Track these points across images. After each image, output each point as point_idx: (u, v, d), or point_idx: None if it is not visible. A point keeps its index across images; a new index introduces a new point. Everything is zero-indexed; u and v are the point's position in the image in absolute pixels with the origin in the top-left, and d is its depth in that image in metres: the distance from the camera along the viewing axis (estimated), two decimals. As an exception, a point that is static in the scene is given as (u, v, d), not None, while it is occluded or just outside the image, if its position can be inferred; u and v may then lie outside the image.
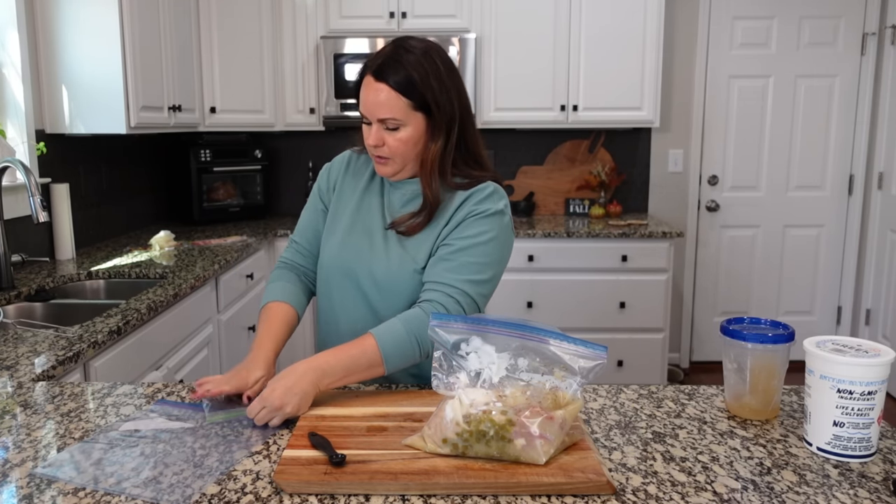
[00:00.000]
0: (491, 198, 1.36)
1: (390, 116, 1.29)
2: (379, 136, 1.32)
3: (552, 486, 0.91)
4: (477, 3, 3.55)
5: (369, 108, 1.31)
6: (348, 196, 1.47)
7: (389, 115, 1.29)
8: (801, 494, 0.91)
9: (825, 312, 4.18)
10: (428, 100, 1.30)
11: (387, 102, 1.29)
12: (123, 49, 2.65)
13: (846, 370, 0.99)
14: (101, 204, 3.11)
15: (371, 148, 1.35)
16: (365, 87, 1.32)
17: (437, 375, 1.01)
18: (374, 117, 1.31)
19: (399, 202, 1.42)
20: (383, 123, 1.31)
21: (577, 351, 1.01)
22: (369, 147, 1.35)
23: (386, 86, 1.29)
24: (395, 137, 1.32)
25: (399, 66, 1.29)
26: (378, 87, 1.29)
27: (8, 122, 2.55)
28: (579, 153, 4.04)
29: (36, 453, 1.03)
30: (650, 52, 3.58)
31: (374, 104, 1.30)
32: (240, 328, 2.91)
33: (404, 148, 1.33)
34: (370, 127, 1.33)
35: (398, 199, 1.42)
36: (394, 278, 1.36)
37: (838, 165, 4.02)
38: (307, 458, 0.98)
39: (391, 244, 1.39)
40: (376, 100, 1.30)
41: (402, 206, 1.42)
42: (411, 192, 1.42)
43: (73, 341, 1.63)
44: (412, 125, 1.31)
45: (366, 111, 1.32)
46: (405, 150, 1.33)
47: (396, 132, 1.32)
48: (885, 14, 3.81)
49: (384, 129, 1.32)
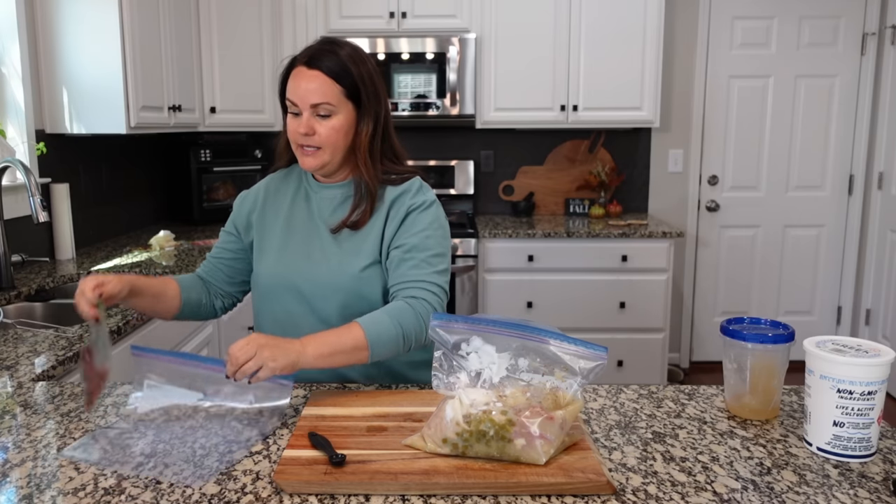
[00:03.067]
0: (422, 191, 1.41)
1: (324, 101, 1.31)
2: (310, 125, 1.33)
3: (552, 486, 0.91)
4: (477, 3, 3.55)
5: (301, 96, 1.32)
6: (272, 216, 1.47)
7: (323, 99, 1.31)
8: (801, 494, 0.91)
9: (825, 312, 4.18)
10: (359, 88, 1.34)
11: (320, 88, 1.31)
12: (123, 49, 2.65)
13: (846, 370, 0.99)
14: (101, 204, 3.11)
15: (300, 137, 1.34)
16: (295, 77, 1.33)
17: (437, 375, 1.01)
18: (307, 103, 1.32)
19: (328, 208, 1.42)
20: (315, 110, 1.32)
21: (578, 351, 1.01)
22: (298, 137, 1.35)
23: (319, 72, 1.31)
24: (327, 125, 1.33)
25: (332, 55, 1.33)
26: (311, 73, 1.32)
27: (8, 122, 2.55)
28: (579, 153, 4.04)
29: (36, 453, 1.03)
30: (650, 52, 3.57)
31: (307, 91, 1.31)
32: (239, 328, 2.91)
33: (336, 136, 1.34)
34: (299, 117, 1.34)
35: (327, 206, 1.43)
36: (336, 281, 1.37)
37: (838, 165, 4.02)
38: (307, 458, 0.98)
39: (329, 249, 1.39)
40: (309, 86, 1.31)
41: (332, 213, 1.42)
42: (341, 196, 1.42)
43: (73, 341, 1.63)
44: (343, 113, 1.34)
45: (297, 99, 1.33)
46: (336, 139, 1.35)
47: (328, 120, 1.33)
48: (885, 14, 3.81)
49: (315, 118, 1.33)
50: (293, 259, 1.41)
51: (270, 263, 1.43)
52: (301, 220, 1.44)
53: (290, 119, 1.36)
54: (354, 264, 1.37)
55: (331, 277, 1.37)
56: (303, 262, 1.40)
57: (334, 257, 1.38)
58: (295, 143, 1.37)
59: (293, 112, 1.35)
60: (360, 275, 1.36)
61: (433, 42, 3.51)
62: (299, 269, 1.40)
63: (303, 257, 1.40)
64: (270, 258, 1.43)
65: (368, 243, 1.38)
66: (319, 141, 1.34)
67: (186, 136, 3.67)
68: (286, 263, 1.41)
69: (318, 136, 1.34)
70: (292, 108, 1.34)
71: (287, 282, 1.40)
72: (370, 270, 1.37)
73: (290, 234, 1.43)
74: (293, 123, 1.35)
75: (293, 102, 1.34)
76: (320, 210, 1.43)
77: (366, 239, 1.38)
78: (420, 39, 3.51)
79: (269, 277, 1.42)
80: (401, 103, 3.55)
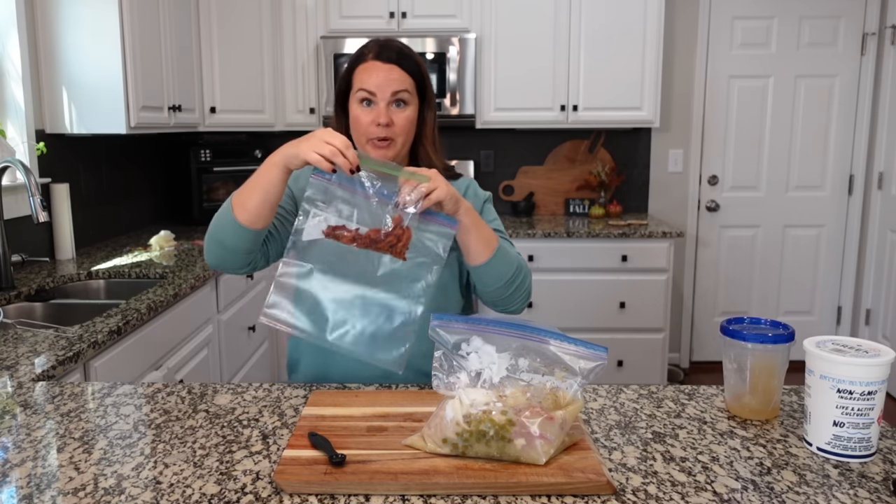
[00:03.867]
0: (478, 186, 1.53)
1: (402, 89, 1.35)
2: (388, 115, 1.35)
3: (552, 486, 0.91)
4: (477, 3, 3.55)
5: (380, 85, 1.34)
6: None
7: (401, 88, 1.35)
8: (801, 494, 0.91)
9: (825, 312, 4.18)
10: (426, 83, 1.40)
11: (399, 78, 1.35)
12: (123, 49, 2.65)
13: (846, 370, 0.99)
14: (101, 204, 3.11)
15: (375, 129, 1.35)
16: (369, 70, 1.35)
17: (437, 375, 1.01)
18: (387, 93, 1.34)
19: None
20: (393, 99, 1.35)
21: (578, 351, 1.01)
22: (372, 129, 1.35)
23: (396, 66, 1.35)
24: (403, 115, 1.36)
25: (401, 50, 1.38)
26: (389, 66, 1.35)
27: (8, 121, 2.55)
28: (579, 153, 4.04)
29: (36, 453, 1.03)
30: (650, 52, 3.58)
31: (388, 80, 1.34)
32: (240, 328, 2.91)
33: (409, 127, 1.38)
34: (373, 109, 1.35)
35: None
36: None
37: (838, 165, 4.02)
38: (307, 458, 0.98)
39: None
40: (389, 77, 1.34)
41: None
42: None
43: (73, 341, 1.63)
44: (413, 106, 1.38)
45: (375, 88, 1.34)
46: (409, 130, 1.38)
47: (404, 110, 1.37)
48: (885, 14, 3.81)
49: (391, 108, 1.35)
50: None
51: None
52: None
53: (362, 111, 1.36)
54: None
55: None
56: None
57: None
58: (366, 136, 1.37)
59: (366, 101, 1.35)
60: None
61: (433, 42, 3.51)
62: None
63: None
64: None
65: None
66: (394, 132, 1.36)
67: (186, 136, 3.67)
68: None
69: (394, 126, 1.35)
70: (367, 97, 1.35)
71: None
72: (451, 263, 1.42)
73: None
74: (367, 115, 1.35)
75: (370, 92, 1.34)
76: None
77: None
78: (420, 39, 3.51)
79: None
80: (401, 103, 3.55)
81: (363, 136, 1.37)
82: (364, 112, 1.36)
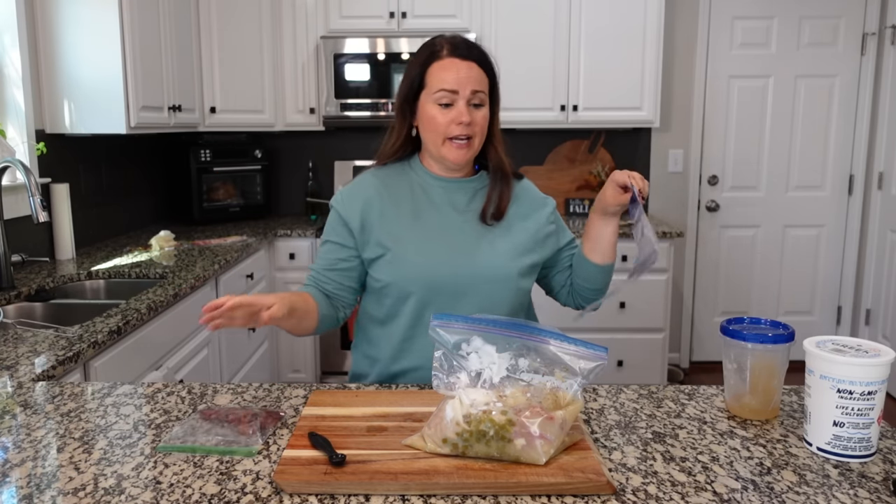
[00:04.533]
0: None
1: (481, 90, 1.34)
2: (469, 114, 1.33)
3: (552, 486, 0.91)
4: (477, 3, 3.55)
5: (461, 82, 1.32)
6: (394, 212, 1.40)
7: (481, 87, 1.34)
8: (801, 494, 0.91)
9: (825, 312, 4.18)
10: (497, 83, 1.39)
11: (479, 77, 1.34)
12: (123, 49, 2.65)
13: (846, 370, 0.99)
14: (101, 204, 3.11)
15: (457, 127, 1.33)
16: (447, 67, 1.33)
17: (437, 375, 1.01)
18: (467, 90, 1.32)
19: (463, 200, 1.42)
20: (474, 97, 1.33)
21: (578, 352, 1.01)
22: (453, 128, 1.33)
23: (475, 63, 1.34)
24: (480, 114, 1.35)
25: (476, 47, 1.36)
26: (469, 63, 1.33)
27: (8, 122, 2.55)
28: (579, 153, 4.04)
29: (36, 453, 1.03)
30: (650, 51, 3.57)
31: (469, 78, 1.33)
32: (239, 329, 2.91)
33: (485, 125, 1.38)
34: (451, 108, 1.33)
35: (461, 198, 1.42)
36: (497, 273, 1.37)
37: (838, 165, 4.02)
38: (307, 458, 0.98)
39: (481, 241, 1.39)
40: (469, 74, 1.33)
41: (468, 204, 1.43)
42: (471, 188, 1.44)
43: (73, 341, 1.63)
44: (486, 106, 1.37)
45: (457, 86, 1.32)
46: (485, 129, 1.38)
47: (480, 109, 1.36)
48: (885, 14, 3.81)
49: (469, 107, 1.34)
50: (445, 258, 1.36)
51: (410, 261, 1.36)
52: (431, 215, 1.40)
53: (440, 111, 1.34)
54: (514, 257, 1.40)
55: (491, 270, 1.37)
56: (461, 258, 1.37)
57: (487, 250, 1.38)
58: (445, 135, 1.35)
59: (444, 103, 1.33)
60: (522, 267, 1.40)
61: (433, 42, 3.50)
62: (457, 265, 1.36)
63: (459, 253, 1.37)
64: (408, 256, 1.36)
65: (520, 236, 1.41)
66: (473, 130, 1.35)
67: (186, 136, 3.67)
68: (434, 258, 1.36)
69: (474, 124, 1.34)
70: (446, 97, 1.33)
71: (438, 277, 1.35)
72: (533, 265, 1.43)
73: (425, 230, 1.38)
74: (446, 115, 1.34)
75: (450, 91, 1.32)
76: (453, 203, 1.41)
77: (511, 231, 1.41)
78: (420, 39, 3.50)
79: (412, 276, 1.35)
80: (401, 103, 3.54)
81: (441, 135, 1.35)
82: (442, 112, 1.33)
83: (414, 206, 1.41)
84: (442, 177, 1.43)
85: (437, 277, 1.36)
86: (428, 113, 1.35)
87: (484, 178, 1.47)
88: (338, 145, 4.04)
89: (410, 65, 1.39)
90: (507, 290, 1.39)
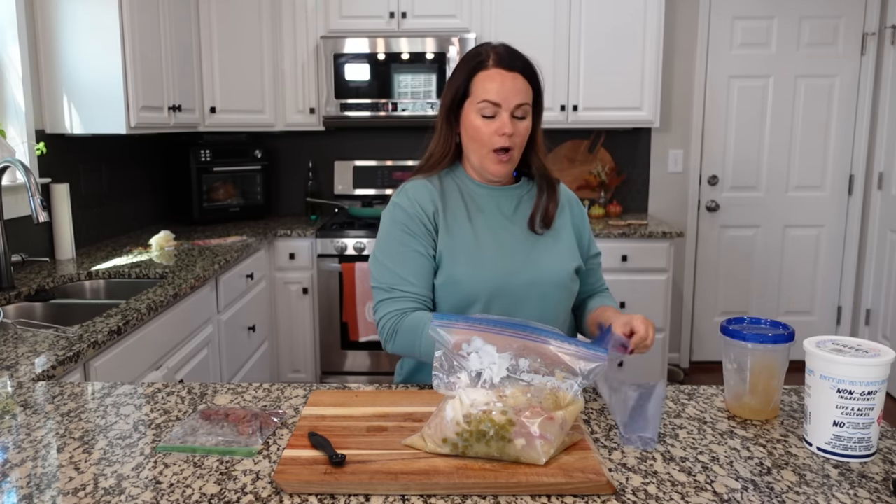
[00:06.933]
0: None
1: (525, 102, 1.33)
2: (512, 125, 1.32)
3: (552, 486, 0.91)
4: (477, 3, 3.55)
5: (506, 96, 1.31)
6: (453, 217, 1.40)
7: (526, 100, 1.33)
8: (801, 494, 0.91)
9: (825, 312, 4.18)
10: (542, 92, 1.37)
11: (524, 89, 1.33)
12: (123, 49, 2.65)
13: (846, 370, 0.99)
14: (101, 204, 3.11)
15: (499, 139, 1.32)
16: (492, 78, 1.32)
17: (437, 375, 1.01)
18: (512, 104, 1.31)
19: (509, 207, 1.43)
20: (517, 110, 1.32)
21: (578, 352, 1.01)
22: (496, 140, 1.32)
23: (519, 74, 1.32)
24: (522, 127, 1.34)
25: (522, 58, 1.34)
26: (514, 75, 1.32)
27: (8, 122, 2.55)
28: (579, 153, 4.04)
29: (36, 453, 1.03)
30: (650, 52, 3.57)
31: (514, 90, 1.31)
32: (240, 328, 2.91)
33: (526, 136, 1.36)
34: (492, 120, 1.32)
35: (507, 205, 1.42)
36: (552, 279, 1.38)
37: (838, 165, 4.02)
38: (307, 458, 0.98)
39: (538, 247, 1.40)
40: (514, 86, 1.31)
41: (514, 211, 1.43)
42: (516, 196, 1.44)
43: (73, 341, 1.63)
44: (529, 116, 1.36)
45: (501, 98, 1.31)
46: (524, 140, 1.37)
47: (523, 121, 1.34)
48: (885, 14, 3.81)
49: (512, 119, 1.32)
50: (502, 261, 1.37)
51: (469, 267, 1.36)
52: (484, 222, 1.40)
53: (483, 122, 1.33)
54: (567, 261, 1.41)
55: (549, 275, 1.38)
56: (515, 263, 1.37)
57: (542, 256, 1.39)
58: (489, 147, 1.34)
59: (487, 114, 1.32)
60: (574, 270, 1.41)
61: (433, 42, 3.51)
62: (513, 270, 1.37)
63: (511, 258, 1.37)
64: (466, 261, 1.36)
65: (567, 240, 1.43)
66: (514, 142, 1.34)
67: (186, 136, 3.67)
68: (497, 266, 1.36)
69: (516, 135, 1.33)
70: (490, 108, 1.32)
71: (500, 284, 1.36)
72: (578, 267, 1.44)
73: (482, 237, 1.38)
74: (489, 126, 1.32)
75: (494, 102, 1.31)
76: (501, 209, 1.41)
77: (559, 236, 1.42)
78: (420, 39, 3.51)
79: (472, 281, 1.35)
80: (401, 103, 3.55)
81: (486, 146, 1.34)
82: (485, 123, 1.33)
83: (468, 213, 1.41)
84: (485, 184, 1.44)
85: (499, 284, 1.36)
86: (472, 123, 1.35)
87: (525, 184, 1.47)
88: (338, 145, 4.04)
89: (455, 72, 1.38)
90: (565, 293, 1.42)
